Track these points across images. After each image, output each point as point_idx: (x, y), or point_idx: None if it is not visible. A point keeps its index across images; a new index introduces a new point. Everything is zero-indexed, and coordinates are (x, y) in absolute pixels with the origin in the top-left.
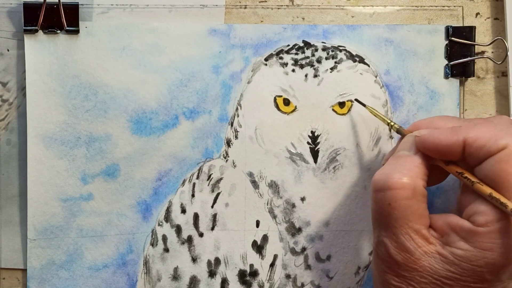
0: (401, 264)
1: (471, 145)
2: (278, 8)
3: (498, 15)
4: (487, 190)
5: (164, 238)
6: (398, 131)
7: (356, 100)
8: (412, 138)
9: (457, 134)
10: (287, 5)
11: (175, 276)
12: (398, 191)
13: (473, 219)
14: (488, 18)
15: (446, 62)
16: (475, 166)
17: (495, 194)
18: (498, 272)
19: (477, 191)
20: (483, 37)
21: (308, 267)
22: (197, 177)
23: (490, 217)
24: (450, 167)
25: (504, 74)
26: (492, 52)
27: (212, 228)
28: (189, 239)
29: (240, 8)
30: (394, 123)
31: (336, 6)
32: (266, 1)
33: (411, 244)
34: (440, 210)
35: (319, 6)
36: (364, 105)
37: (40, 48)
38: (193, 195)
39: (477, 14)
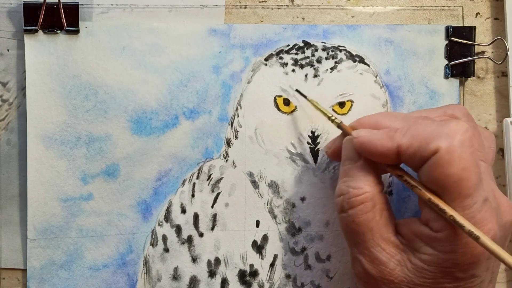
0: (378, 278)
1: (405, 152)
2: (278, 8)
3: (498, 15)
4: (426, 195)
5: (164, 238)
6: (339, 127)
7: (297, 90)
8: (351, 142)
9: (392, 140)
10: (287, 5)
11: (175, 276)
12: (358, 207)
13: (430, 225)
14: (488, 18)
15: (446, 62)
16: (417, 170)
17: (434, 200)
18: (468, 269)
19: (418, 195)
20: (483, 37)
21: (308, 267)
22: (197, 177)
23: (444, 222)
24: (391, 168)
25: (504, 74)
26: (492, 52)
27: (212, 228)
28: (189, 239)
29: (240, 8)
30: (335, 118)
31: (336, 6)
32: (266, 1)
33: (383, 255)
34: None
35: (319, 6)
36: (305, 96)
37: (40, 48)
38: (193, 195)
39: (477, 14)
